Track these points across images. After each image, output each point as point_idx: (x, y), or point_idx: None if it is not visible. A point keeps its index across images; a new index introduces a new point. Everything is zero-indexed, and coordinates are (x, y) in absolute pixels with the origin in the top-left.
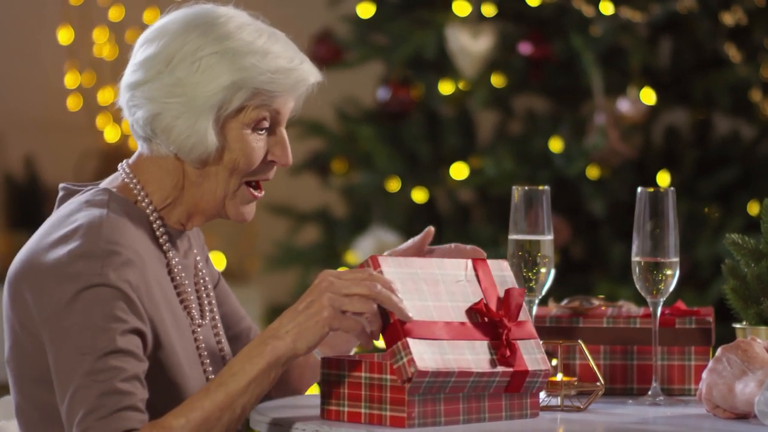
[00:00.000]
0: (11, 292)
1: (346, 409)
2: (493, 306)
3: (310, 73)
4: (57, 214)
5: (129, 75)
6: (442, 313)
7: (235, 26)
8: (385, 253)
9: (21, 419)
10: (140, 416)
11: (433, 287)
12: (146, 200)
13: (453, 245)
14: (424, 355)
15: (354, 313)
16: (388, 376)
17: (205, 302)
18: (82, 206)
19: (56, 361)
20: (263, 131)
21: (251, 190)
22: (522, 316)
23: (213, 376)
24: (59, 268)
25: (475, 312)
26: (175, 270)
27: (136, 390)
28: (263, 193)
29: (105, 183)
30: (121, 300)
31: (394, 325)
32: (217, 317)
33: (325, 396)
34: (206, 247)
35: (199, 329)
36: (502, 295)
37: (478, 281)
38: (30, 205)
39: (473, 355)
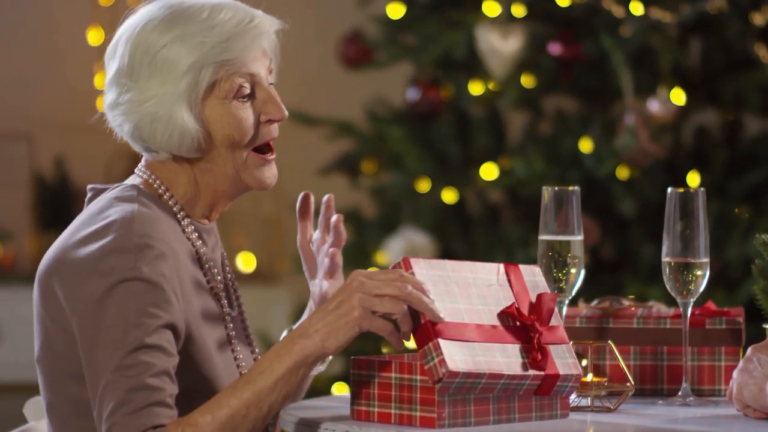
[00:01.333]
0: (42, 289)
1: (376, 409)
2: (525, 310)
3: (266, 25)
4: (87, 211)
5: (106, 95)
6: (473, 315)
7: (175, 13)
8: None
9: (53, 417)
10: (169, 412)
11: (465, 290)
12: (168, 194)
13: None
14: (455, 356)
15: (384, 314)
16: (418, 377)
17: (233, 295)
18: (113, 202)
19: (87, 356)
20: (246, 98)
21: (260, 154)
22: (554, 321)
23: (244, 364)
24: (91, 263)
25: (506, 316)
26: (204, 259)
27: (166, 385)
28: (275, 154)
29: (129, 182)
30: (153, 294)
31: (425, 326)
32: (244, 310)
33: (355, 396)
34: None
35: (228, 317)
36: (533, 300)
37: (510, 286)
38: (60, 205)
39: (504, 358)
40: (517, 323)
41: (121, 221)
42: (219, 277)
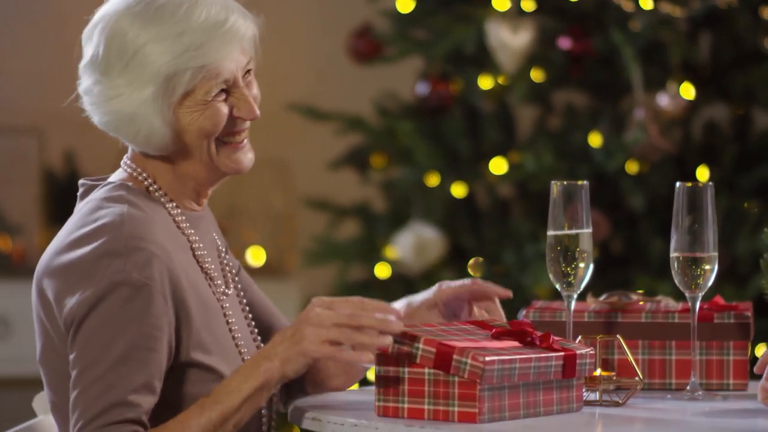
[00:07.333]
0: (38, 291)
1: (406, 405)
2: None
3: (240, 28)
4: (79, 212)
5: (81, 78)
6: (468, 342)
7: (152, 7)
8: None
9: (57, 416)
10: (140, 430)
11: (451, 333)
12: (155, 186)
13: (469, 281)
14: (481, 351)
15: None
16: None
17: (229, 277)
18: (102, 203)
19: (74, 360)
20: (222, 93)
21: (231, 143)
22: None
23: (242, 342)
24: (82, 266)
25: (499, 334)
26: (198, 251)
27: (144, 401)
28: (246, 140)
29: (116, 177)
30: (142, 300)
31: (440, 351)
32: (242, 293)
33: (382, 393)
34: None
35: (224, 297)
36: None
37: (482, 326)
38: (70, 200)
39: (520, 348)
40: (511, 336)
41: (111, 224)
42: (214, 266)
